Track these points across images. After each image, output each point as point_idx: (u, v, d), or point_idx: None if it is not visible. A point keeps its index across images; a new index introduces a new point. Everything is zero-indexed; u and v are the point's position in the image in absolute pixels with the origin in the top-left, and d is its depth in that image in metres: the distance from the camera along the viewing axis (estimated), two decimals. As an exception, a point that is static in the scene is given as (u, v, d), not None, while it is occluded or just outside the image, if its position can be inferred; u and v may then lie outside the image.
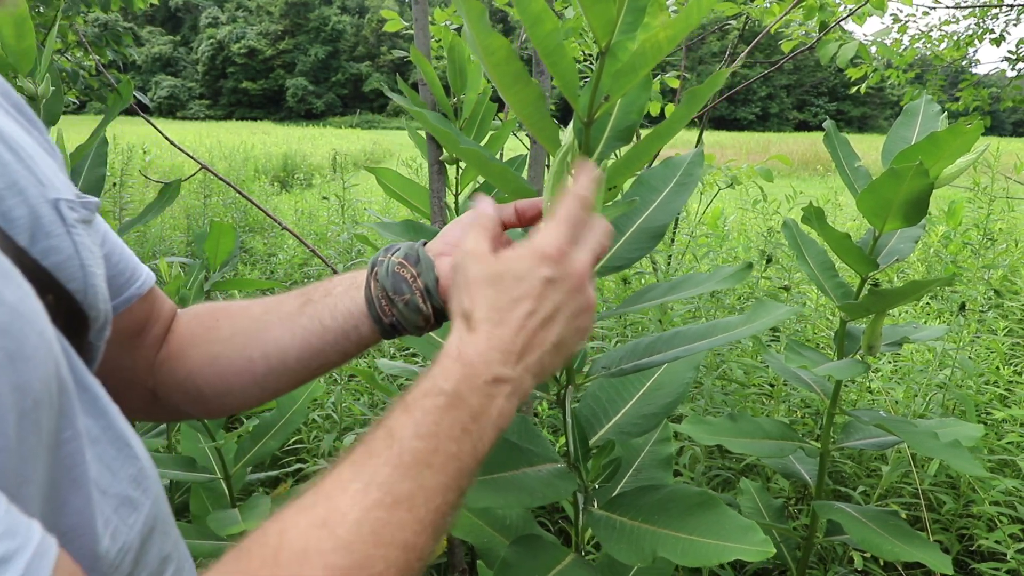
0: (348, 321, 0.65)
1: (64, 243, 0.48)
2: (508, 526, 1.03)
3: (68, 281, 0.48)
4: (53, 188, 0.49)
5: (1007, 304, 3.05)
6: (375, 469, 0.45)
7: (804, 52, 2.95)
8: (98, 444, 0.46)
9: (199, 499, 1.51)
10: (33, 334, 0.39)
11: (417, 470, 0.46)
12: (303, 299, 0.67)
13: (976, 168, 3.41)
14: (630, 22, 0.58)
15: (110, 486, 0.46)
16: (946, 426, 1.24)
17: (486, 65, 0.56)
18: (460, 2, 0.52)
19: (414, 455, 0.46)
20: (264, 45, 58.33)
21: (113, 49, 4.25)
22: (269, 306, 0.68)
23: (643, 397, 0.94)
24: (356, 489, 0.44)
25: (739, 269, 0.76)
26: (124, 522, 0.47)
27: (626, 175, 0.68)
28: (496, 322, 0.53)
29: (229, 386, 0.67)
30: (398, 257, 0.64)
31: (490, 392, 0.50)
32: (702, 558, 0.70)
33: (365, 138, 23.39)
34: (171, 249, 4.41)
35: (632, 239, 0.79)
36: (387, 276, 0.64)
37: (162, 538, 0.51)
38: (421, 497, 0.45)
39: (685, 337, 0.77)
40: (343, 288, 0.66)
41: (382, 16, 2.61)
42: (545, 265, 0.54)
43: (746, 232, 3.83)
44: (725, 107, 47.18)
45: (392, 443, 0.47)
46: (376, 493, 0.44)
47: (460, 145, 0.63)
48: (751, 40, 2.94)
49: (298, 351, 0.65)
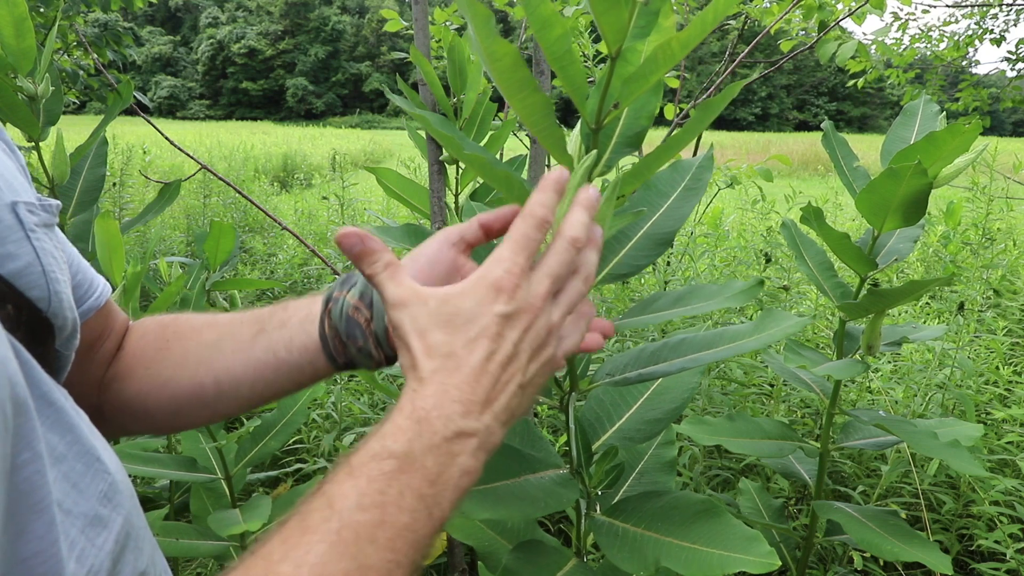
0: (303, 356, 0.62)
1: (23, 249, 0.45)
2: (510, 529, 1.03)
3: (29, 289, 0.45)
4: (11, 190, 0.47)
5: (1006, 304, 3.05)
6: (308, 547, 0.40)
7: (804, 52, 2.95)
8: (63, 462, 0.43)
9: (199, 499, 1.51)
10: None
11: (358, 547, 0.41)
12: (257, 327, 0.63)
13: (975, 168, 3.41)
14: (642, 26, 0.56)
15: (75, 505, 0.43)
16: (945, 426, 1.24)
17: (492, 71, 0.54)
18: (465, 8, 0.51)
19: (355, 530, 0.41)
20: (264, 45, 58.32)
21: (113, 49, 4.25)
22: (222, 332, 0.64)
23: (647, 402, 0.93)
24: (285, 573, 0.39)
25: (750, 285, 0.74)
26: (92, 543, 0.43)
27: (635, 185, 0.67)
28: (451, 370, 0.46)
29: (178, 408, 0.64)
30: (353, 297, 0.59)
31: (451, 450, 0.45)
32: (705, 568, 0.69)
33: (365, 138, 23.39)
34: (171, 249, 4.41)
35: (638, 246, 0.77)
36: (341, 319, 0.59)
37: (135, 554, 0.47)
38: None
39: (691, 345, 0.75)
40: (298, 320, 0.62)
41: (382, 16, 2.62)
42: (499, 299, 0.48)
43: (745, 233, 3.82)
44: (725, 107, 47.03)
45: (331, 515, 0.41)
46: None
47: (464, 151, 0.61)
48: (751, 40, 2.94)
49: (251, 381, 0.63)
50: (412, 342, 0.48)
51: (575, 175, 0.61)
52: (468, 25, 0.53)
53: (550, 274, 0.50)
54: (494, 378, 0.47)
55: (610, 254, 0.78)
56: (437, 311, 0.48)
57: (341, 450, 2.08)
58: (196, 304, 1.44)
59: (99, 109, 5.58)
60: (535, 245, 0.50)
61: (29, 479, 0.39)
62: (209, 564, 1.74)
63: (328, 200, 4.40)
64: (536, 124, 0.59)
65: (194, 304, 1.44)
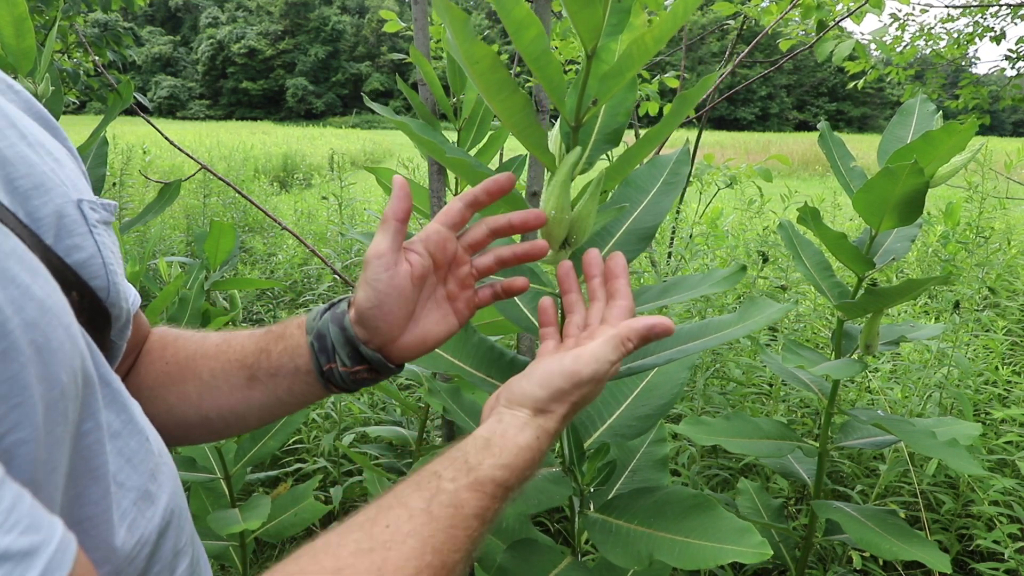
0: (307, 397, 0.66)
1: (87, 242, 0.50)
2: (504, 529, 1.03)
3: (91, 279, 0.50)
4: (76, 189, 0.51)
5: (1005, 304, 3.05)
6: (433, 532, 0.48)
7: (804, 52, 2.95)
8: (119, 438, 0.48)
9: (199, 499, 1.51)
10: (60, 328, 0.41)
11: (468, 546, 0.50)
12: (247, 373, 0.65)
13: (968, 168, 3.41)
14: (615, 24, 0.58)
15: (128, 479, 0.47)
16: (944, 425, 1.24)
17: (471, 74, 0.55)
18: (442, 11, 0.52)
19: (469, 533, 0.50)
20: (264, 45, 58.32)
21: (113, 49, 4.25)
22: (214, 370, 0.66)
23: (637, 398, 0.93)
24: (412, 546, 0.47)
25: (732, 272, 0.75)
26: (142, 515, 0.48)
27: (616, 180, 0.68)
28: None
29: (187, 432, 0.67)
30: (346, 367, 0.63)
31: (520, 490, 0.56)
32: (698, 560, 0.69)
33: (365, 138, 23.39)
34: (171, 249, 4.41)
35: (622, 241, 0.78)
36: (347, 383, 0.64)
37: (177, 532, 0.52)
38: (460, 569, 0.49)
39: (678, 337, 0.76)
40: (289, 372, 0.65)
41: (382, 16, 2.62)
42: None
43: (744, 233, 3.82)
44: (725, 107, 47.16)
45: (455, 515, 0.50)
46: (431, 557, 0.47)
47: (446, 155, 0.62)
48: (750, 40, 2.94)
49: (258, 416, 0.67)
50: (561, 398, 0.58)
51: (559, 172, 0.62)
52: (447, 29, 0.53)
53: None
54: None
55: None
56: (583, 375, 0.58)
57: (341, 450, 2.08)
58: (195, 304, 1.44)
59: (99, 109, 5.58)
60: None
61: (90, 447, 0.44)
62: (209, 564, 1.75)
63: (328, 200, 4.40)
64: (516, 125, 0.60)
65: (192, 304, 1.44)
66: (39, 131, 0.53)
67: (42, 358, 0.38)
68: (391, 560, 0.45)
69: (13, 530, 0.32)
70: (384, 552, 0.46)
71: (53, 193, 0.48)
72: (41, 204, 0.47)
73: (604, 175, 0.64)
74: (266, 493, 1.51)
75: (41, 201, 0.47)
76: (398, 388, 2.54)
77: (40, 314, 0.39)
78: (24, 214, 0.46)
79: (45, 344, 0.39)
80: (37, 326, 0.39)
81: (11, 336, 0.37)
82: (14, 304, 0.37)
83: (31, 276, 0.40)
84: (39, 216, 0.47)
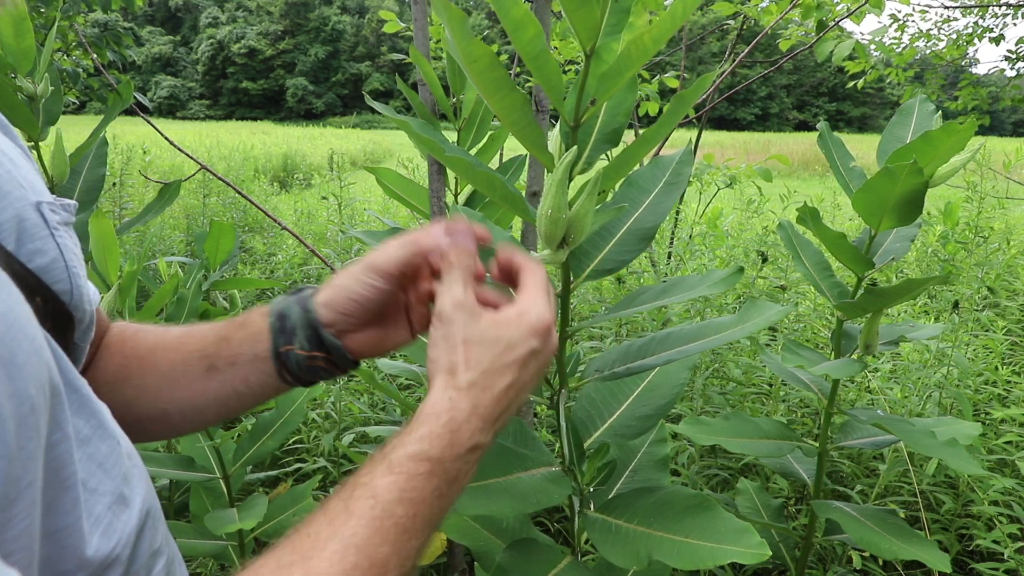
0: (264, 389, 0.64)
1: (49, 245, 0.49)
2: (504, 529, 1.03)
3: (54, 283, 0.49)
4: (34, 191, 0.49)
5: (1004, 304, 3.05)
6: (354, 529, 0.45)
7: (804, 52, 2.96)
8: (88, 444, 0.47)
9: (199, 498, 1.51)
10: (25, 341, 0.40)
11: (396, 535, 0.46)
12: (205, 363, 0.64)
13: (967, 168, 3.41)
14: (614, 24, 0.58)
15: (101, 484, 0.46)
16: (943, 425, 1.24)
17: (469, 72, 0.55)
18: (441, 10, 0.52)
19: (395, 520, 0.46)
20: (264, 45, 58.31)
21: (113, 49, 4.25)
22: (173, 362, 0.65)
23: (638, 398, 0.93)
24: (333, 549, 0.44)
25: (730, 273, 0.76)
26: (118, 518, 0.47)
27: (615, 179, 0.68)
28: (483, 387, 0.53)
29: (144, 428, 0.66)
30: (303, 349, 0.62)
31: (467, 459, 0.52)
32: (697, 560, 0.69)
33: (365, 138, 23.39)
34: (171, 249, 4.40)
35: (622, 241, 0.78)
36: (301, 370, 0.62)
37: (152, 532, 0.51)
38: (395, 561, 0.46)
39: (678, 338, 0.77)
40: (247, 360, 0.63)
41: (382, 16, 2.62)
42: (535, 337, 0.55)
43: (743, 233, 3.82)
44: (725, 107, 47.16)
45: (375, 504, 0.46)
46: (354, 557, 0.44)
47: (446, 153, 0.62)
48: (750, 40, 2.94)
49: (215, 409, 0.65)
50: (458, 347, 0.54)
51: (556, 171, 0.62)
52: (445, 28, 0.54)
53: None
54: (508, 403, 0.55)
55: (595, 251, 0.79)
56: (492, 334, 0.55)
57: (341, 450, 2.08)
58: (192, 303, 1.44)
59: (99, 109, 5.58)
60: (551, 292, 0.59)
61: (59, 457, 0.43)
62: (209, 564, 1.74)
63: (327, 200, 4.40)
64: (515, 124, 0.60)
65: (190, 303, 1.44)
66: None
67: (9, 373, 0.37)
68: (313, 569, 0.43)
69: None
70: (305, 563, 0.43)
71: (11, 197, 0.47)
72: (0, 209, 0.46)
73: (601, 174, 0.64)
74: (266, 493, 1.51)
75: (0, 206, 0.46)
76: (398, 388, 2.54)
77: (5, 329, 0.38)
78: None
79: (11, 359, 0.38)
80: (2, 341, 0.38)
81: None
82: None
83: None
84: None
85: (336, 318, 0.62)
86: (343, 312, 0.62)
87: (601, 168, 0.64)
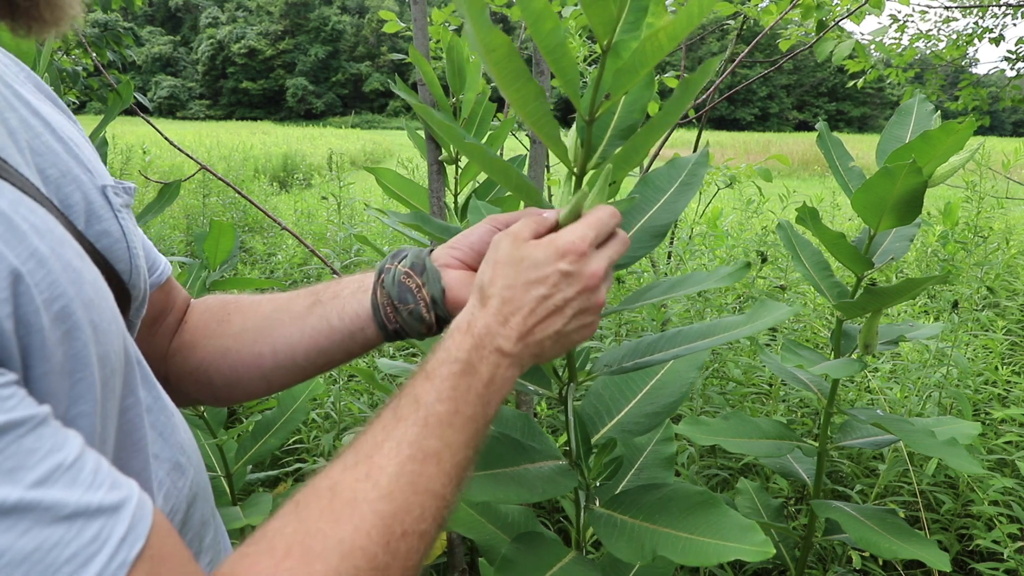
0: (355, 323, 0.67)
1: (113, 227, 0.52)
2: (510, 523, 1.03)
3: (117, 262, 0.52)
4: (99, 175, 0.53)
5: (1004, 304, 3.06)
6: (405, 430, 0.50)
7: (804, 52, 2.96)
8: (151, 413, 0.51)
9: (199, 498, 1.51)
10: (107, 309, 0.44)
11: (441, 429, 0.51)
12: (312, 299, 0.68)
13: (967, 168, 3.41)
14: (632, 21, 0.59)
15: (162, 451, 0.51)
16: (943, 424, 1.24)
17: (487, 62, 0.56)
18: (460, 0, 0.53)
19: (438, 417, 0.51)
20: (264, 45, 58.30)
21: (113, 49, 4.25)
22: (279, 304, 0.69)
23: (646, 396, 0.94)
24: (390, 447, 0.49)
25: (738, 268, 0.77)
26: (175, 485, 0.51)
27: (624, 170, 0.69)
28: (505, 300, 0.57)
29: (238, 377, 0.69)
30: (404, 266, 0.66)
31: (498, 362, 0.55)
32: (702, 557, 0.70)
33: (365, 138, 23.39)
34: (171, 249, 4.41)
35: (635, 238, 0.79)
36: (393, 285, 0.65)
37: (203, 503, 0.56)
38: (447, 453, 0.51)
39: (687, 336, 0.78)
40: (351, 291, 0.68)
41: (381, 16, 2.62)
42: (565, 259, 0.57)
43: (742, 233, 3.83)
44: (725, 107, 47.17)
45: (418, 407, 0.52)
46: (408, 450, 0.49)
47: (464, 141, 0.63)
48: (750, 40, 2.94)
49: (306, 349, 0.67)
50: (495, 268, 0.58)
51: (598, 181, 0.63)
52: (464, 18, 0.54)
53: (610, 258, 0.60)
54: (539, 318, 0.57)
55: None
56: (519, 253, 0.58)
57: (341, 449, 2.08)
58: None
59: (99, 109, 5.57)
60: (607, 230, 0.60)
61: (132, 421, 0.48)
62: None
63: (327, 200, 4.40)
64: (531, 114, 0.61)
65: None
66: (57, 115, 0.54)
67: (97, 336, 0.41)
68: (376, 463, 0.48)
69: (101, 487, 0.36)
70: (368, 461, 0.49)
71: (80, 181, 0.50)
72: (71, 191, 0.49)
73: (612, 165, 0.65)
74: (266, 492, 1.51)
75: (70, 188, 0.49)
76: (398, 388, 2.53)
77: (94, 294, 0.42)
78: (58, 202, 0.48)
79: (99, 323, 0.42)
80: (93, 306, 0.42)
81: (75, 316, 0.40)
82: (74, 286, 0.40)
83: (80, 261, 0.43)
84: (70, 203, 0.49)
85: (443, 252, 0.66)
86: (452, 246, 0.66)
87: (609, 169, 0.65)
